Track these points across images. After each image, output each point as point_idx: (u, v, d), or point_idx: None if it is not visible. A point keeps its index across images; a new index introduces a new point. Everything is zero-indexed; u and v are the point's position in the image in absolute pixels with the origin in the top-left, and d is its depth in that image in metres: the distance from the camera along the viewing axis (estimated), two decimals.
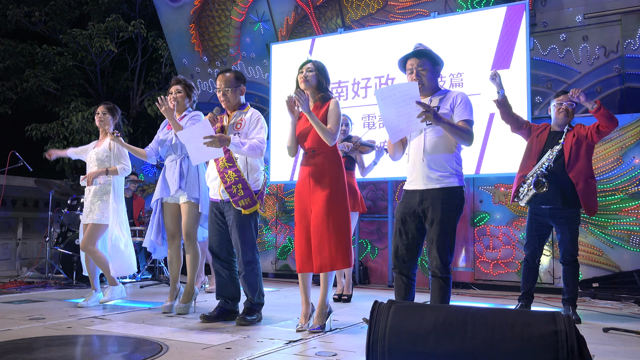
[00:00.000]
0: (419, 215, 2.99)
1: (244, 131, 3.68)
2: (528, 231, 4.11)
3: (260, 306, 3.75)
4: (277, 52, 7.19)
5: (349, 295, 4.95)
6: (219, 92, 3.75)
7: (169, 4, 8.55)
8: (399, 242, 3.03)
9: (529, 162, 4.01)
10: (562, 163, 3.89)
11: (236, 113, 3.77)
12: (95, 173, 4.40)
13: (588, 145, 3.91)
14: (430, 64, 3.06)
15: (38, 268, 6.99)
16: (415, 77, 3.01)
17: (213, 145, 3.39)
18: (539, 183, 3.84)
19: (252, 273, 3.67)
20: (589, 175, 3.89)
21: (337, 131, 3.37)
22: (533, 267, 4.10)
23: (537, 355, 1.89)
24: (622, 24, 5.94)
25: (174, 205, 4.12)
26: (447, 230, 2.92)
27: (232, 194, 3.61)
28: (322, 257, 3.30)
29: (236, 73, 3.81)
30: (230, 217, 3.65)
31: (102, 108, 4.60)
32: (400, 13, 6.96)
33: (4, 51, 9.42)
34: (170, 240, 4.14)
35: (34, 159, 7.33)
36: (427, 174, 2.95)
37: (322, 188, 3.36)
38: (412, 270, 3.04)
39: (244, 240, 3.62)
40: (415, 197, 2.99)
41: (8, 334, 3.21)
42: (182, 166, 4.03)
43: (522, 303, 4.09)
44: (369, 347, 2.07)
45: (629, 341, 3.25)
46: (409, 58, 3.08)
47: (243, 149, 3.51)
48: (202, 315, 3.72)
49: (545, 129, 4.07)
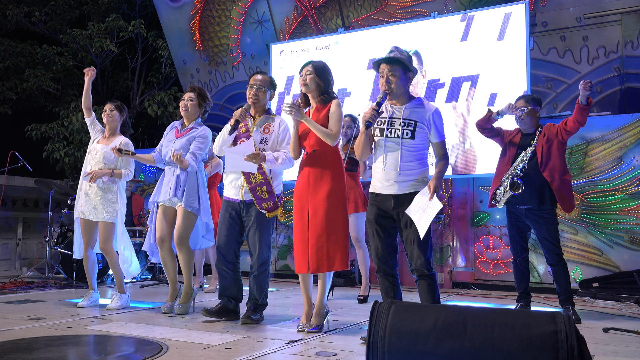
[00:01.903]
0: (393, 217, 3.10)
1: (273, 138, 3.71)
2: (509, 232, 4.25)
3: (264, 307, 3.78)
4: (277, 52, 7.19)
5: (365, 296, 4.91)
6: (252, 89, 3.73)
7: (169, 4, 8.56)
8: (378, 242, 3.11)
9: (504, 166, 4.14)
10: (535, 163, 4.00)
11: (263, 117, 3.78)
12: (101, 173, 4.31)
13: (559, 142, 4.02)
14: (402, 70, 3.13)
15: (38, 268, 6.99)
16: (384, 82, 3.11)
17: (254, 161, 3.50)
18: (515, 184, 3.97)
19: (264, 274, 3.70)
20: (563, 173, 3.99)
21: (338, 132, 3.38)
22: (521, 266, 4.17)
23: (537, 355, 1.88)
24: (622, 24, 5.94)
25: (169, 209, 4.11)
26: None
27: (256, 195, 3.64)
28: (319, 257, 3.31)
29: (271, 78, 3.86)
30: (251, 218, 3.67)
31: (110, 105, 4.54)
32: (400, 13, 6.97)
33: (4, 51, 9.43)
34: (160, 244, 4.10)
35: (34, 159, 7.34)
36: (402, 180, 3.07)
37: (321, 188, 3.37)
38: (395, 269, 3.14)
39: (262, 241, 3.66)
40: (389, 201, 3.09)
41: (8, 334, 3.21)
42: (179, 177, 4.02)
43: (522, 303, 4.15)
44: (369, 347, 2.07)
45: (629, 341, 3.25)
46: (382, 62, 3.16)
47: (277, 163, 3.60)
48: (203, 309, 3.73)
49: (517, 133, 4.20)
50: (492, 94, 5.77)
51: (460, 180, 6.17)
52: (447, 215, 6.21)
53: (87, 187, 4.39)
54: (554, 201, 4.00)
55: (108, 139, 4.50)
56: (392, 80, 3.10)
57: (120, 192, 4.43)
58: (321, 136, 3.35)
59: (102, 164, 4.38)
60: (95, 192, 4.36)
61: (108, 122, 4.50)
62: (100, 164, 4.38)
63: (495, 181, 4.19)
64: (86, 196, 4.38)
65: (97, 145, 4.47)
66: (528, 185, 3.96)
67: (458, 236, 6.17)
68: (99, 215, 4.34)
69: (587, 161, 5.60)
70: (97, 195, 4.35)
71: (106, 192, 4.36)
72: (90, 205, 4.36)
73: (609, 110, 5.85)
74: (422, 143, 3.10)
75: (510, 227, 4.22)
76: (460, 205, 6.19)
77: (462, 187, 6.20)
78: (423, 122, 3.08)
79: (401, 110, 3.12)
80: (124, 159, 4.41)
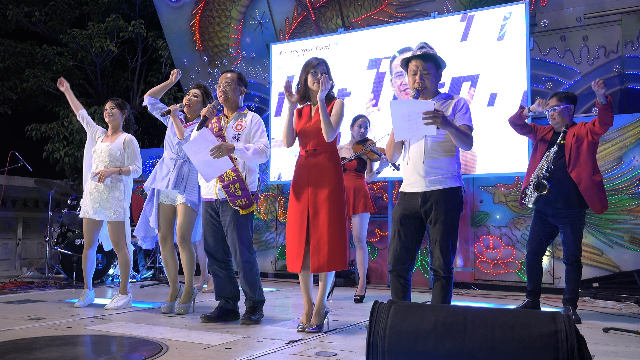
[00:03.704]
0: (420, 216, 3.02)
1: (246, 133, 3.67)
2: (531, 229, 4.16)
3: (262, 303, 3.77)
4: (277, 52, 7.19)
5: (361, 296, 4.94)
6: (219, 89, 3.72)
7: (169, 4, 8.55)
8: (398, 243, 3.04)
9: (535, 164, 4.06)
10: (563, 163, 3.91)
11: (235, 114, 3.75)
12: (109, 171, 4.28)
13: (589, 142, 3.91)
14: (434, 67, 3.08)
15: (38, 268, 6.99)
16: (418, 79, 3.03)
17: (220, 154, 3.38)
18: (540, 185, 3.90)
19: (251, 272, 3.67)
20: (592, 173, 3.88)
21: (338, 128, 3.38)
22: (534, 264, 4.13)
23: (537, 355, 1.88)
24: (622, 24, 5.94)
25: (168, 207, 4.11)
26: (450, 230, 2.97)
27: (229, 193, 3.60)
28: (320, 257, 3.30)
29: (239, 74, 3.81)
30: (227, 217, 3.64)
31: (110, 104, 4.52)
32: (400, 13, 6.97)
33: (4, 51, 9.42)
34: (163, 243, 4.11)
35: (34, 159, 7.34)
36: (428, 176, 2.98)
37: (322, 188, 3.35)
38: (409, 273, 3.07)
39: (241, 240, 3.62)
40: (416, 199, 3.01)
41: (8, 334, 3.21)
42: (182, 169, 4.02)
43: (529, 300, 4.13)
44: (369, 347, 2.07)
45: (629, 341, 3.25)
46: (414, 59, 3.09)
47: (248, 153, 3.51)
48: (202, 316, 3.72)
49: (550, 130, 4.11)
50: (492, 94, 5.77)
51: None
52: None
53: (91, 187, 4.38)
54: (581, 203, 3.89)
55: (111, 137, 4.49)
56: (426, 77, 3.03)
57: (127, 189, 4.44)
58: (325, 126, 3.29)
59: (108, 162, 4.36)
60: (102, 190, 4.33)
61: (110, 121, 4.48)
62: (107, 161, 4.36)
63: (526, 179, 4.10)
64: (90, 195, 4.37)
65: (102, 144, 4.44)
66: (554, 186, 3.87)
67: (458, 236, 6.16)
68: (107, 214, 4.33)
69: None
70: (104, 193, 4.33)
71: (113, 190, 4.35)
72: (95, 204, 4.34)
73: None
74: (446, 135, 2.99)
75: (534, 223, 4.12)
76: None
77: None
78: (449, 113, 2.99)
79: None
80: (132, 154, 4.42)
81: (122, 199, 4.37)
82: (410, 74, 3.10)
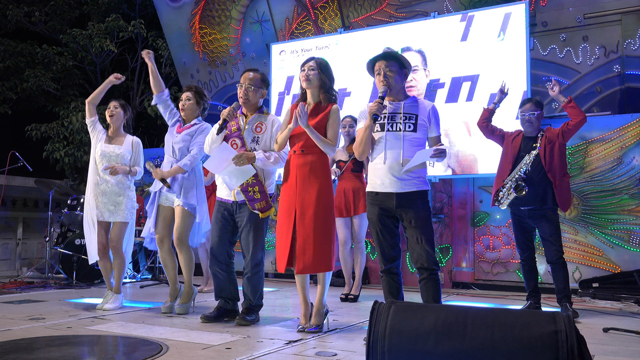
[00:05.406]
0: (395, 216, 3.10)
1: (266, 137, 3.67)
2: (514, 233, 4.36)
3: (259, 308, 3.75)
4: (277, 52, 7.19)
5: (356, 296, 4.95)
6: (241, 88, 3.69)
7: (169, 4, 8.55)
8: (384, 243, 3.11)
9: (506, 166, 4.24)
10: (537, 165, 4.10)
11: (255, 115, 3.72)
12: (122, 169, 4.28)
13: (560, 144, 4.15)
14: (398, 66, 3.13)
15: (38, 268, 6.99)
16: (382, 78, 3.09)
17: (241, 163, 3.44)
18: (519, 187, 4.07)
19: (257, 275, 3.67)
20: (563, 173, 4.13)
21: (337, 141, 3.42)
22: (528, 265, 4.28)
23: (537, 355, 1.88)
24: (622, 24, 5.94)
25: (167, 209, 4.11)
26: (429, 227, 3.06)
27: (248, 196, 3.60)
28: (305, 258, 3.30)
29: (262, 75, 3.79)
30: (244, 218, 3.64)
31: (115, 103, 4.48)
32: (400, 13, 6.97)
33: (4, 51, 9.42)
34: (160, 244, 4.10)
35: (34, 159, 7.34)
36: (403, 178, 3.04)
37: (310, 189, 3.35)
38: (399, 268, 3.15)
39: (256, 242, 3.63)
40: (391, 199, 3.06)
41: (8, 334, 3.21)
42: None
43: (531, 302, 4.24)
44: (369, 347, 2.07)
45: (629, 341, 3.25)
46: (377, 60, 3.14)
47: (269, 162, 3.54)
48: (202, 316, 3.72)
49: (518, 134, 4.30)
50: (492, 94, 5.76)
51: (460, 180, 6.17)
52: (447, 216, 6.21)
53: (105, 187, 4.31)
54: (555, 200, 4.10)
55: (115, 138, 4.44)
56: (389, 76, 3.09)
57: (133, 190, 4.46)
58: (322, 146, 3.35)
59: (116, 163, 4.36)
60: (116, 191, 4.31)
61: (112, 121, 4.44)
62: (113, 162, 4.35)
63: (497, 181, 4.27)
64: (103, 196, 4.30)
65: (109, 146, 4.38)
66: (531, 187, 4.06)
67: (458, 236, 6.17)
68: (117, 216, 4.31)
69: (587, 161, 5.60)
70: (119, 195, 4.31)
71: (126, 190, 4.36)
72: (110, 205, 4.29)
73: (609, 110, 5.85)
74: (422, 137, 3.10)
75: (515, 228, 4.32)
76: (460, 205, 6.19)
77: (462, 187, 6.20)
78: (423, 116, 3.09)
79: (400, 105, 3.12)
80: (137, 157, 4.44)
81: (132, 197, 4.40)
82: (375, 75, 3.16)
